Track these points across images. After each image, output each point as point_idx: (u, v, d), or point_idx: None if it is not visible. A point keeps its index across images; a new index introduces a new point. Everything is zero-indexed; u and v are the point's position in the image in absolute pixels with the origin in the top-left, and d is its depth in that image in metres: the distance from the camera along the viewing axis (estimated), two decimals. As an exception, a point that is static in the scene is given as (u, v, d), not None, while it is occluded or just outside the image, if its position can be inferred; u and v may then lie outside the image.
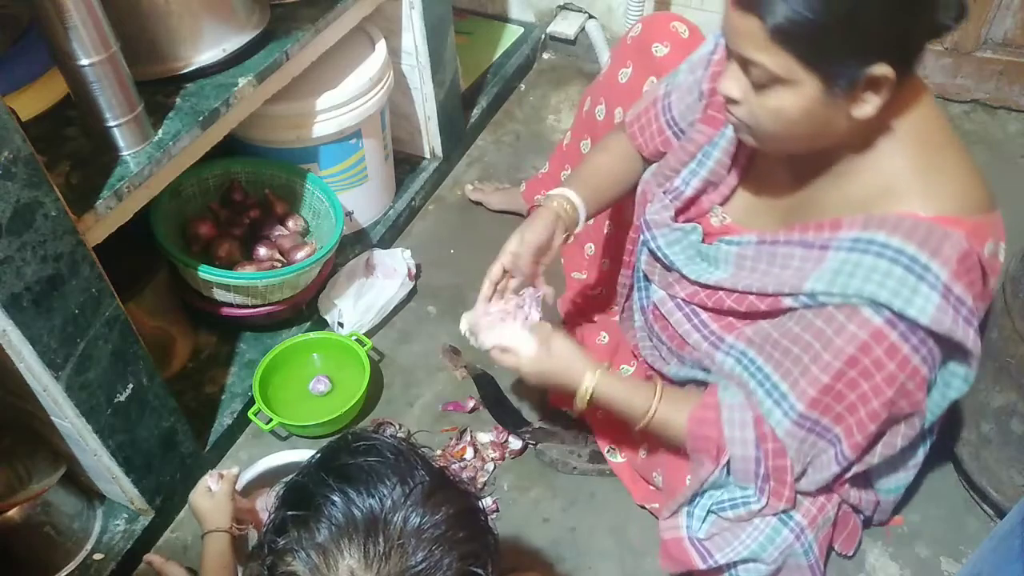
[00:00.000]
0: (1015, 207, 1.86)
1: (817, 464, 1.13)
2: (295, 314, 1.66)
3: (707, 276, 1.17)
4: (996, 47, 2.03)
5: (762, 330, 1.11)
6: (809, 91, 0.92)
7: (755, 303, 1.11)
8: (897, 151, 1.00)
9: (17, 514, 1.25)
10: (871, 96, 0.93)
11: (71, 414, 1.16)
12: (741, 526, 1.20)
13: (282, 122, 1.59)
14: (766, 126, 0.99)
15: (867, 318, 0.98)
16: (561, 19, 2.34)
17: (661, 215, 1.24)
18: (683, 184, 1.22)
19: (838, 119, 0.96)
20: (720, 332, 1.19)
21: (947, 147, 1.02)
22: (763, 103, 0.96)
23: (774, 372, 1.08)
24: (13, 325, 1.02)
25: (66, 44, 1.03)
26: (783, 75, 0.92)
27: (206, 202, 1.65)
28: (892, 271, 0.96)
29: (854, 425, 1.06)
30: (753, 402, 1.12)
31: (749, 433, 1.11)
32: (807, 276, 1.03)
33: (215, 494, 1.21)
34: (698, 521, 1.22)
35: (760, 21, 0.90)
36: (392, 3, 1.71)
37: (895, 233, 0.97)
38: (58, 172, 1.13)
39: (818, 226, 1.05)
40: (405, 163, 1.99)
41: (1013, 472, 1.29)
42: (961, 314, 0.98)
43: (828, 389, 1.04)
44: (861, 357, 1.00)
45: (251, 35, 1.32)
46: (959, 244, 0.96)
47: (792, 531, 1.18)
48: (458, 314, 1.72)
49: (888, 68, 0.90)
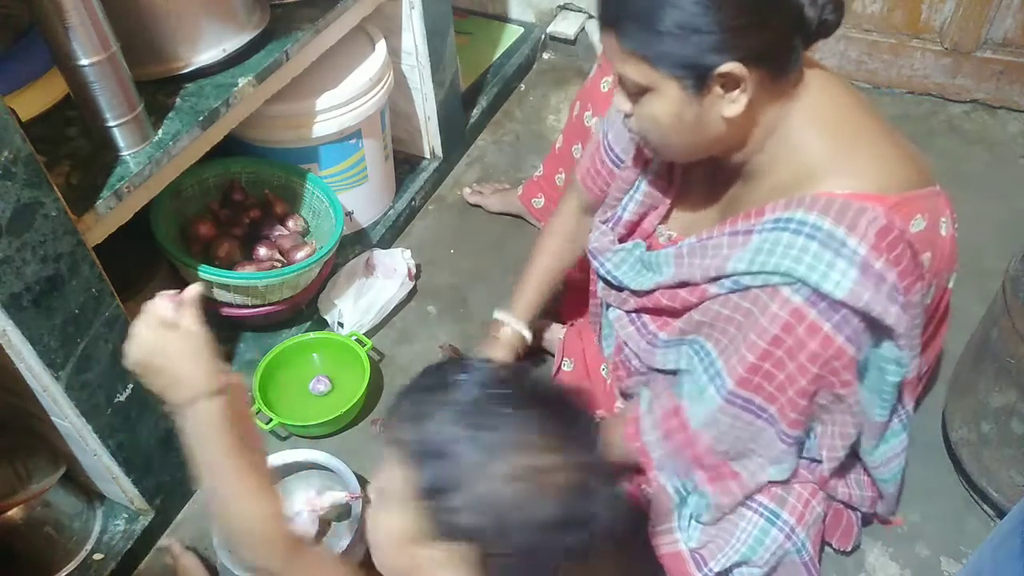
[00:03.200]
0: (1015, 207, 1.88)
1: (762, 443, 1.14)
2: (295, 314, 1.66)
3: (650, 283, 1.20)
4: (996, 47, 2.03)
5: (691, 319, 1.14)
6: (670, 95, 0.98)
7: (686, 297, 1.14)
8: (812, 138, 1.03)
9: (17, 514, 1.25)
10: (736, 94, 0.97)
11: (71, 414, 1.16)
12: (729, 530, 1.21)
13: (282, 122, 1.59)
14: (651, 133, 1.06)
15: (787, 297, 1.00)
16: (561, 19, 2.35)
17: (601, 241, 1.28)
18: (621, 209, 1.27)
19: (712, 119, 1.00)
20: (656, 331, 1.23)
21: (867, 129, 1.04)
22: (641, 112, 1.03)
23: (713, 349, 1.11)
24: (13, 325, 1.02)
25: (66, 44, 1.03)
26: (644, 83, 0.99)
27: (206, 202, 1.65)
28: (808, 246, 0.98)
29: (786, 403, 1.07)
30: (664, 397, 1.17)
31: (656, 434, 1.18)
32: (730, 258, 1.05)
33: (180, 328, 0.81)
34: (686, 532, 1.24)
35: (615, 36, 0.98)
36: (392, 3, 1.71)
37: (812, 211, 0.99)
38: (58, 172, 1.13)
39: (745, 216, 1.07)
40: (405, 163, 1.99)
41: (1013, 472, 1.29)
42: (882, 290, 0.97)
43: (756, 368, 1.05)
44: (784, 336, 1.01)
45: (251, 35, 1.32)
46: (877, 220, 0.96)
47: (781, 530, 1.19)
48: (458, 314, 1.74)
49: (738, 65, 0.94)
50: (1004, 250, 1.34)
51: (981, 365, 1.30)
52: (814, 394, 1.07)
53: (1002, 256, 1.31)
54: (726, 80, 0.95)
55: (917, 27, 2.06)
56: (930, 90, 2.15)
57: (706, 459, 1.16)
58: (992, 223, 1.78)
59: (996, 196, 1.88)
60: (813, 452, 1.19)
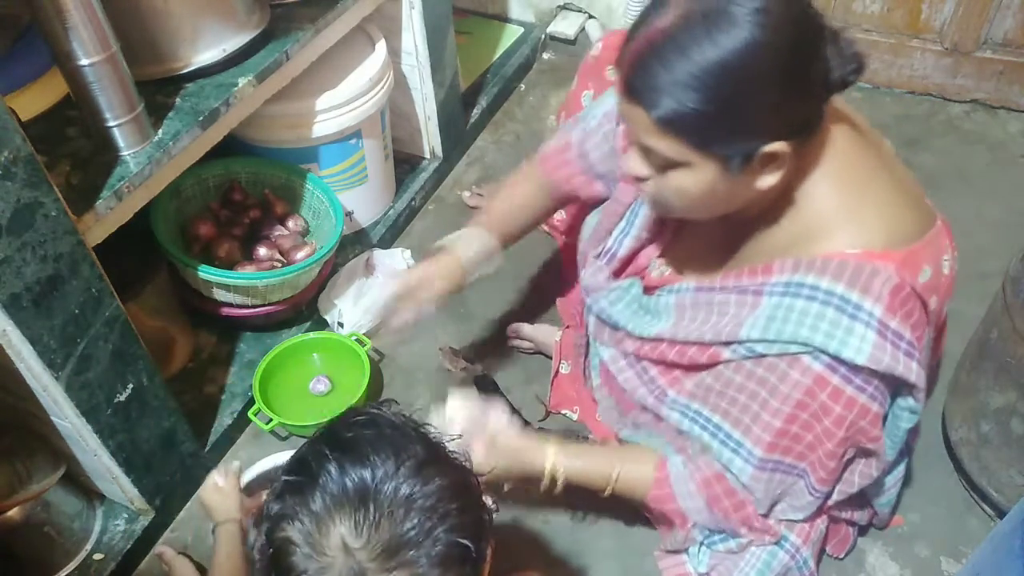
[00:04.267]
0: (1015, 207, 1.88)
1: (792, 493, 1.14)
2: (295, 314, 1.66)
3: (649, 329, 1.17)
4: (996, 47, 2.03)
5: (703, 383, 1.12)
6: (707, 171, 0.93)
7: (695, 356, 1.11)
8: (821, 194, 1.00)
9: (17, 514, 1.25)
10: (772, 168, 0.93)
11: (71, 414, 1.16)
12: (740, 555, 1.20)
13: (282, 122, 1.59)
14: (673, 202, 1.01)
15: (807, 365, 0.99)
16: (561, 19, 2.34)
17: (596, 278, 1.24)
18: (615, 244, 1.23)
19: (742, 191, 0.97)
20: (665, 387, 1.19)
21: (872, 181, 1.02)
22: (666, 183, 0.97)
23: (723, 422, 1.09)
24: (13, 325, 1.02)
25: (66, 44, 1.03)
26: (678, 159, 0.93)
27: (206, 202, 1.65)
28: (824, 313, 0.96)
29: (816, 462, 1.07)
30: (700, 463, 1.13)
31: (700, 501, 1.14)
32: (743, 323, 1.03)
33: (223, 487, 1.25)
34: (695, 557, 1.24)
35: (645, 112, 0.90)
36: (392, 3, 1.71)
37: (824, 275, 0.97)
38: (58, 172, 1.13)
39: (752, 271, 1.05)
40: (405, 163, 1.99)
41: (1013, 472, 1.29)
42: (901, 348, 0.97)
43: (783, 433, 1.04)
44: (809, 401, 1.00)
45: (251, 35, 1.32)
46: (890, 279, 0.95)
47: (787, 552, 1.19)
48: (458, 314, 1.74)
49: (783, 144, 0.90)
50: (1004, 250, 1.34)
51: (981, 365, 1.30)
52: (843, 455, 1.07)
53: (1002, 256, 1.31)
54: (769, 157, 0.92)
55: (917, 27, 2.06)
56: (930, 90, 2.15)
57: (753, 521, 1.15)
58: (992, 223, 1.78)
59: (996, 196, 1.88)
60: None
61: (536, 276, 1.78)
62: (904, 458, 1.21)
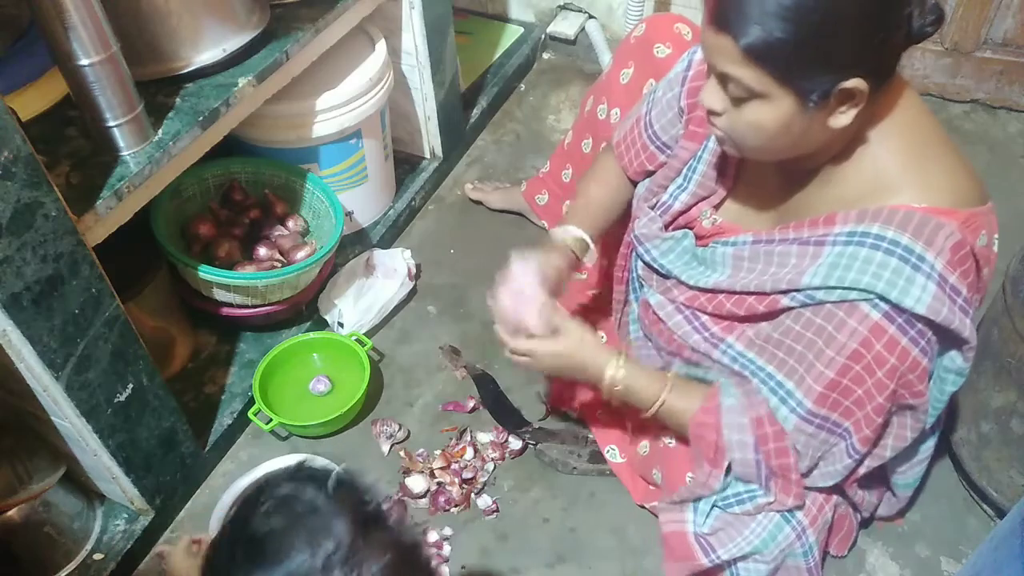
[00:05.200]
0: (1015, 207, 1.87)
1: (829, 457, 1.13)
2: (295, 314, 1.66)
3: (705, 280, 1.18)
4: (996, 47, 2.03)
5: (763, 331, 1.12)
6: (785, 105, 0.94)
7: (754, 304, 1.11)
8: (886, 149, 1.01)
9: (17, 514, 1.25)
10: (847, 107, 0.95)
11: (71, 414, 1.16)
12: (744, 522, 1.20)
13: (282, 122, 1.59)
14: (747, 138, 1.01)
15: (866, 313, 0.99)
16: (561, 19, 2.34)
17: (650, 228, 1.26)
18: (671, 199, 1.24)
19: (816, 130, 0.97)
20: (721, 334, 1.19)
21: (935, 142, 1.04)
22: (742, 116, 0.98)
23: (777, 371, 1.09)
24: (13, 325, 1.02)
25: (66, 44, 1.03)
26: (758, 90, 0.94)
27: (206, 202, 1.65)
28: (887, 262, 0.97)
29: (862, 419, 1.07)
30: (755, 401, 1.12)
31: (748, 436, 1.12)
32: (804, 272, 1.04)
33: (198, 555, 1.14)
34: (702, 516, 1.22)
35: (733, 40, 0.91)
36: (392, 3, 1.71)
37: (889, 225, 0.98)
38: (58, 172, 1.13)
39: (813, 223, 1.06)
40: (405, 163, 1.99)
41: (1013, 472, 1.29)
42: (957, 303, 0.99)
43: (835, 384, 1.04)
44: (864, 352, 1.01)
45: (251, 35, 1.32)
46: (953, 235, 0.97)
47: (794, 529, 1.18)
48: (458, 314, 1.74)
49: (861, 81, 0.92)
50: (1004, 250, 1.33)
51: (981, 365, 1.30)
52: (890, 411, 1.07)
53: (1002, 256, 1.31)
54: (847, 95, 0.93)
55: (917, 27, 2.06)
56: (930, 90, 2.15)
57: (791, 472, 1.14)
58: (992, 223, 1.79)
59: (996, 196, 1.85)
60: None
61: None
62: (936, 431, 1.20)
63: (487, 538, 1.40)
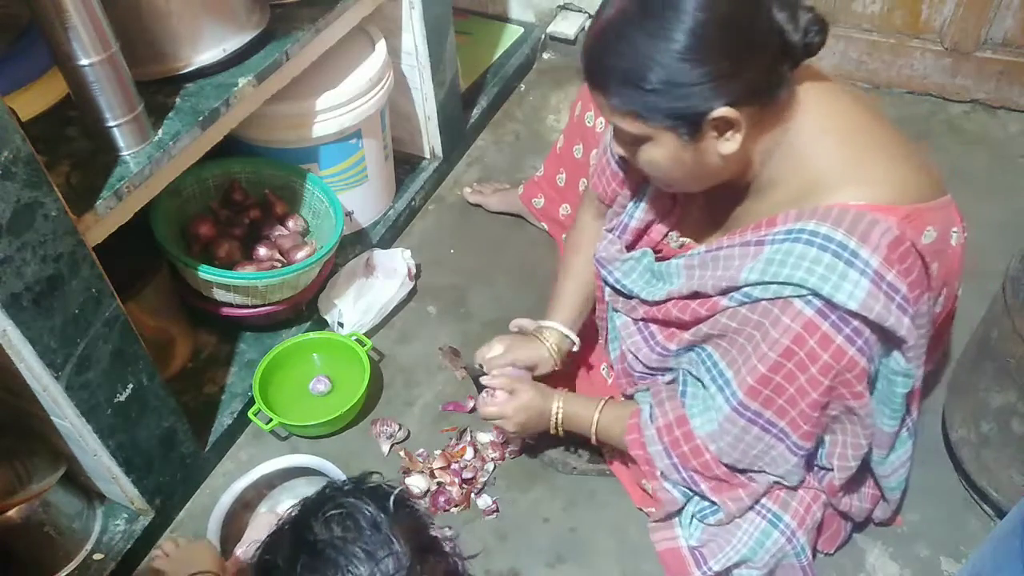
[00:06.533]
0: (1015, 207, 1.88)
1: (771, 461, 1.14)
2: (295, 314, 1.66)
3: (660, 293, 1.20)
4: (996, 47, 2.03)
5: (699, 332, 1.14)
6: (667, 142, 1.01)
7: (696, 309, 1.13)
8: (823, 148, 1.03)
9: (17, 514, 1.25)
10: (731, 133, 0.98)
11: (71, 414, 1.16)
12: (731, 531, 1.21)
13: (282, 122, 1.59)
14: (652, 174, 1.09)
15: (799, 309, 1.00)
16: (561, 19, 2.35)
17: (609, 250, 1.29)
18: (627, 217, 1.28)
19: (711, 157, 1.02)
20: (664, 342, 1.22)
21: (876, 138, 1.05)
22: (640, 157, 1.06)
23: (721, 360, 1.12)
24: (13, 325, 1.02)
25: (66, 44, 1.03)
26: (639, 134, 1.01)
27: (206, 202, 1.65)
28: (821, 258, 0.98)
29: (797, 417, 1.08)
30: (664, 409, 1.19)
31: (660, 446, 1.19)
32: (742, 269, 1.05)
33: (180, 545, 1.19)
34: (687, 529, 1.25)
35: (604, 97, 1.01)
36: (392, 3, 1.71)
37: (824, 221, 0.99)
38: (58, 172, 1.13)
39: (756, 226, 1.08)
40: (405, 163, 1.99)
41: (1013, 472, 1.29)
42: (895, 301, 0.98)
43: (767, 380, 1.05)
44: (796, 348, 1.02)
45: (251, 35, 1.32)
46: (889, 231, 0.97)
47: (783, 533, 1.19)
48: (459, 314, 1.74)
49: (730, 110, 0.95)
50: (1004, 250, 1.33)
51: (981, 365, 1.30)
52: (826, 406, 1.07)
53: (1002, 256, 1.31)
54: (719, 123, 0.97)
55: (917, 27, 2.06)
56: (930, 90, 2.15)
57: (714, 469, 1.16)
58: (992, 223, 1.78)
59: (996, 196, 1.88)
60: (823, 461, 1.19)
61: (536, 275, 1.78)
62: (911, 437, 1.20)
63: (487, 538, 1.40)
